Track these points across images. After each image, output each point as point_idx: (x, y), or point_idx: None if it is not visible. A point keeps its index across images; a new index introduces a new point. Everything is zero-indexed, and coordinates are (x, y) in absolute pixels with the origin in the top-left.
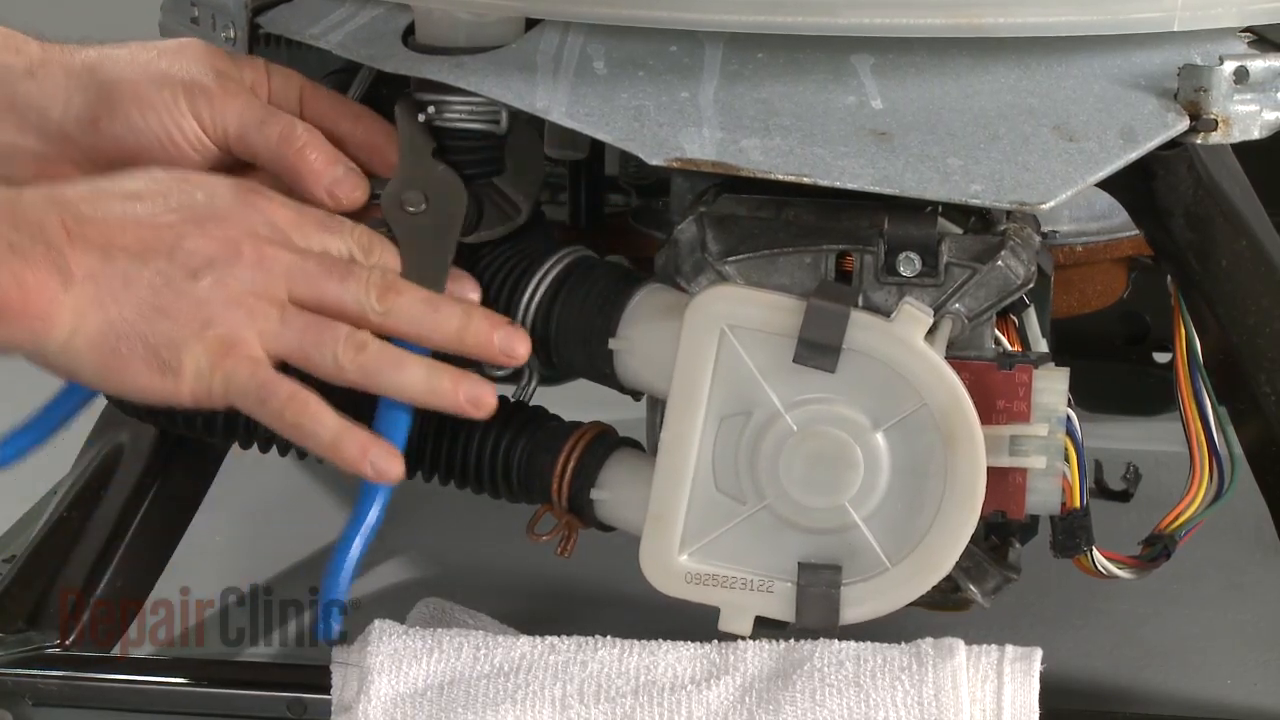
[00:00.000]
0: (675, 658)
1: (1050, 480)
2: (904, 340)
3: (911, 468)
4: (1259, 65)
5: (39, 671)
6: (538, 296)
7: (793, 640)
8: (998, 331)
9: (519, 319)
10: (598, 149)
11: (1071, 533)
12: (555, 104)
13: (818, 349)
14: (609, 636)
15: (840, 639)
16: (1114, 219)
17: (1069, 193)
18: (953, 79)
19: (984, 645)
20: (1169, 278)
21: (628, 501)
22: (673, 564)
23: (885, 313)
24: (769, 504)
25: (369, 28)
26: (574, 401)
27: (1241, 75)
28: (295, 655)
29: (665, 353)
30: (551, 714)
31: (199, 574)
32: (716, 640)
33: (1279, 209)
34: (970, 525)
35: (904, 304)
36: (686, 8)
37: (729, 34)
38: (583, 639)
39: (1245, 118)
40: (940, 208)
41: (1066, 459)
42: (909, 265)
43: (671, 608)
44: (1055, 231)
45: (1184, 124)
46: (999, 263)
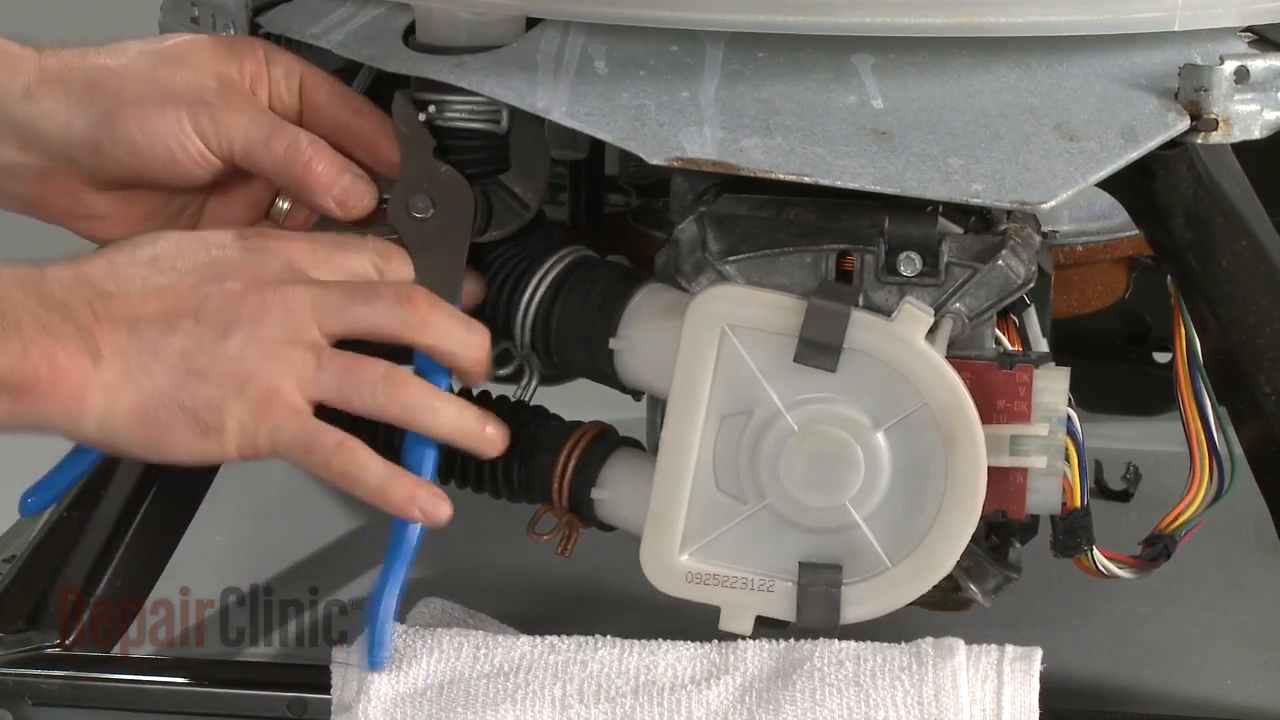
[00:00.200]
0: (675, 658)
1: (1051, 480)
2: (905, 340)
3: (912, 467)
4: (1259, 65)
5: (39, 671)
6: (538, 296)
7: (792, 640)
8: (998, 331)
9: (519, 318)
10: (598, 149)
11: (1072, 532)
12: (556, 103)
13: (818, 348)
14: (609, 636)
15: (840, 639)
16: (1114, 219)
17: (1070, 192)
18: (953, 78)
19: (984, 645)
20: (1169, 278)
21: (628, 501)
22: (673, 563)
23: (886, 312)
24: (770, 503)
25: (369, 27)
26: (575, 401)
27: (1242, 75)
28: (295, 655)
29: (666, 352)
30: (551, 714)
31: (199, 574)
32: (716, 640)
33: (1279, 209)
34: (971, 525)
35: (905, 303)
36: (687, 7)
37: (730, 33)
38: (583, 639)
39: (1246, 117)
40: (941, 207)
41: (1067, 459)
42: (909, 265)
43: (671, 608)
44: (1055, 231)
45: (1185, 123)
46: (999, 262)
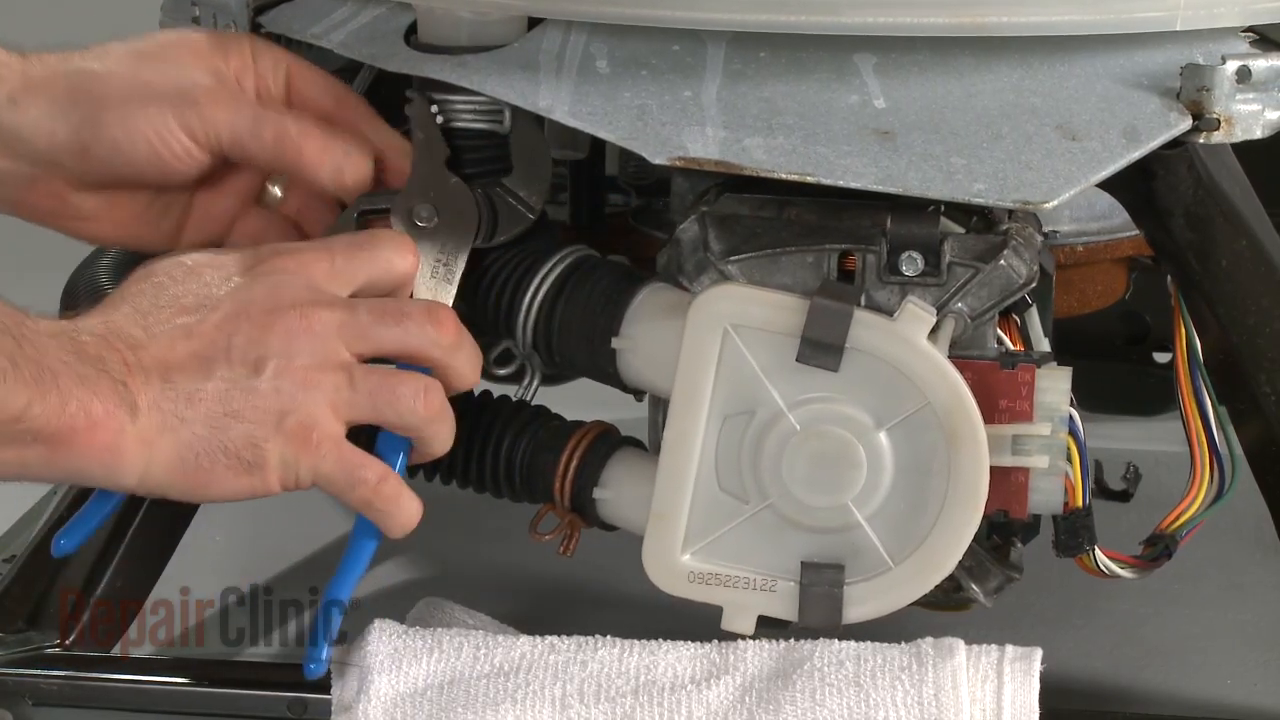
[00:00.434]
0: (675, 658)
1: (1053, 480)
2: (907, 339)
3: (914, 467)
4: (1261, 65)
5: (39, 671)
6: (540, 296)
7: (792, 640)
8: (1000, 331)
9: (521, 318)
10: (598, 148)
11: (1074, 532)
12: (558, 103)
13: (821, 348)
14: (609, 636)
15: (840, 638)
16: (1114, 219)
17: (1072, 192)
18: (955, 78)
19: (984, 645)
20: (1169, 278)
21: (630, 501)
22: (675, 563)
23: (888, 312)
24: (772, 503)
25: (371, 27)
26: (576, 401)
27: (1244, 75)
28: (295, 655)
29: (668, 352)
30: (551, 714)
31: (199, 574)
32: (716, 640)
33: (1279, 209)
34: (973, 524)
35: (907, 303)
36: (689, 7)
37: (731, 33)
38: (583, 639)
39: (1247, 117)
40: (943, 207)
41: (1069, 458)
42: (911, 265)
43: (671, 607)
44: (1056, 231)
45: (1186, 123)
46: (1001, 262)
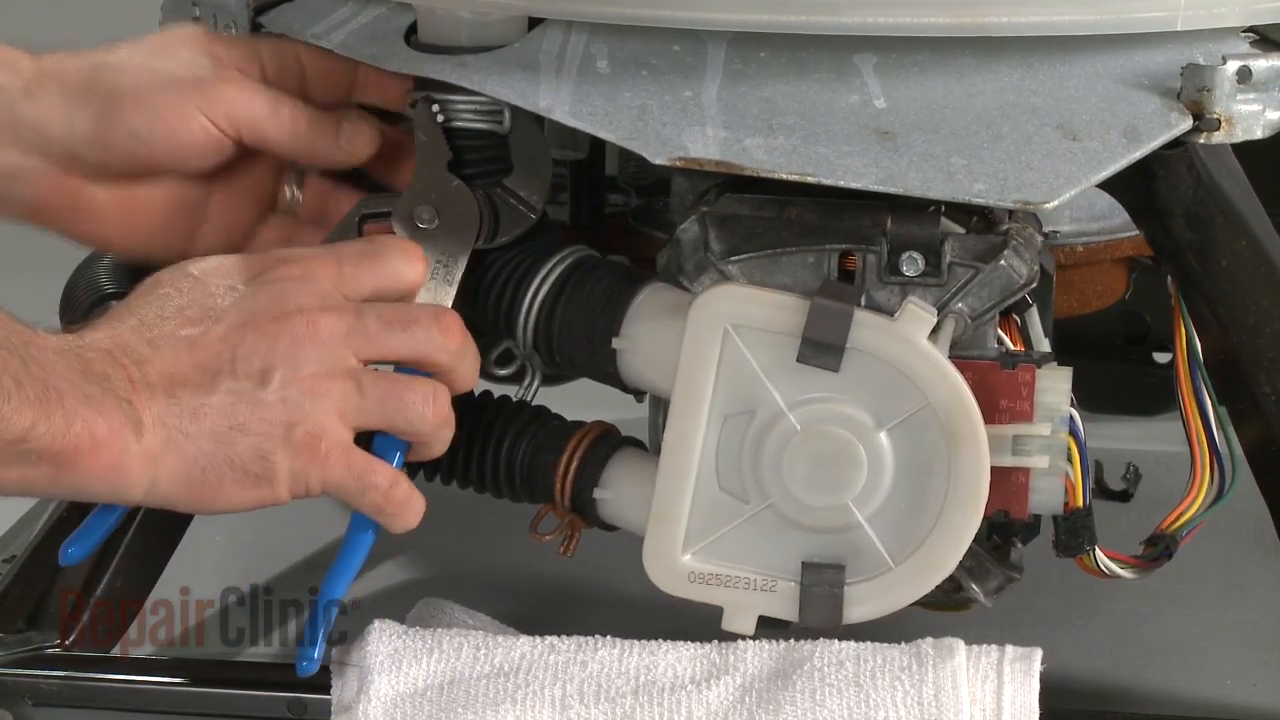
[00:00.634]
0: (675, 658)
1: (1053, 480)
2: (908, 339)
3: (915, 467)
4: (1262, 65)
5: (39, 671)
6: (541, 295)
7: (792, 640)
8: (1000, 331)
9: (522, 318)
10: (598, 148)
11: (1074, 532)
12: (559, 103)
13: (821, 348)
14: (609, 636)
15: (840, 639)
16: (1114, 219)
17: (1073, 192)
18: (956, 78)
19: (984, 645)
20: (1169, 278)
21: (631, 501)
22: (676, 563)
23: (888, 312)
24: (772, 503)
25: (371, 27)
26: (576, 401)
27: (1244, 75)
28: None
29: (669, 352)
30: (551, 714)
31: (199, 574)
32: (716, 640)
33: (1279, 209)
34: (974, 525)
35: (908, 303)
36: (689, 7)
37: (732, 33)
38: (583, 639)
39: (1248, 117)
40: (943, 207)
41: (1069, 459)
42: (912, 265)
43: (671, 607)
44: (1056, 231)
45: (1187, 123)
46: (1002, 262)
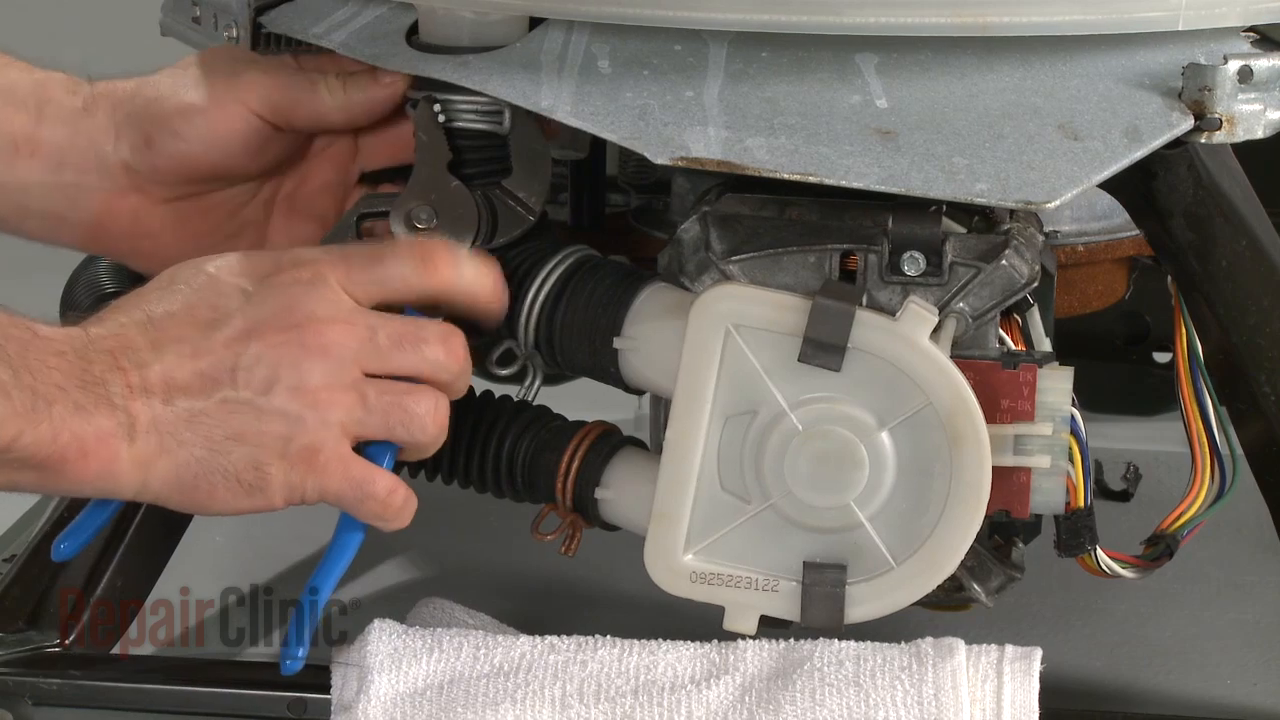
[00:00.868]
0: (675, 657)
1: (1054, 479)
2: (909, 339)
3: (917, 467)
4: (1263, 65)
5: (39, 671)
6: (542, 296)
7: (792, 640)
8: (1002, 331)
9: (523, 317)
10: (598, 148)
11: (1076, 532)
12: (560, 103)
13: (823, 348)
14: (609, 636)
15: (841, 638)
16: (1115, 219)
17: (1074, 192)
18: (957, 78)
19: (984, 645)
20: (1169, 277)
21: (632, 501)
22: (678, 563)
23: (889, 312)
24: (774, 503)
25: (372, 27)
26: (577, 401)
27: (1245, 75)
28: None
29: (670, 352)
30: (551, 714)
31: (199, 574)
32: (716, 640)
33: (1279, 209)
34: (975, 524)
35: (910, 303)
36: (691, 7)
37: (733, 33)
38: (583, 639)
39: (1249, 117)
40: (944, 207)
41: (1071, 458)
42: (913, 264)
43: (671, 607)
44: (1057, 231)
45: (1188, 123)
46: (1003, 262)
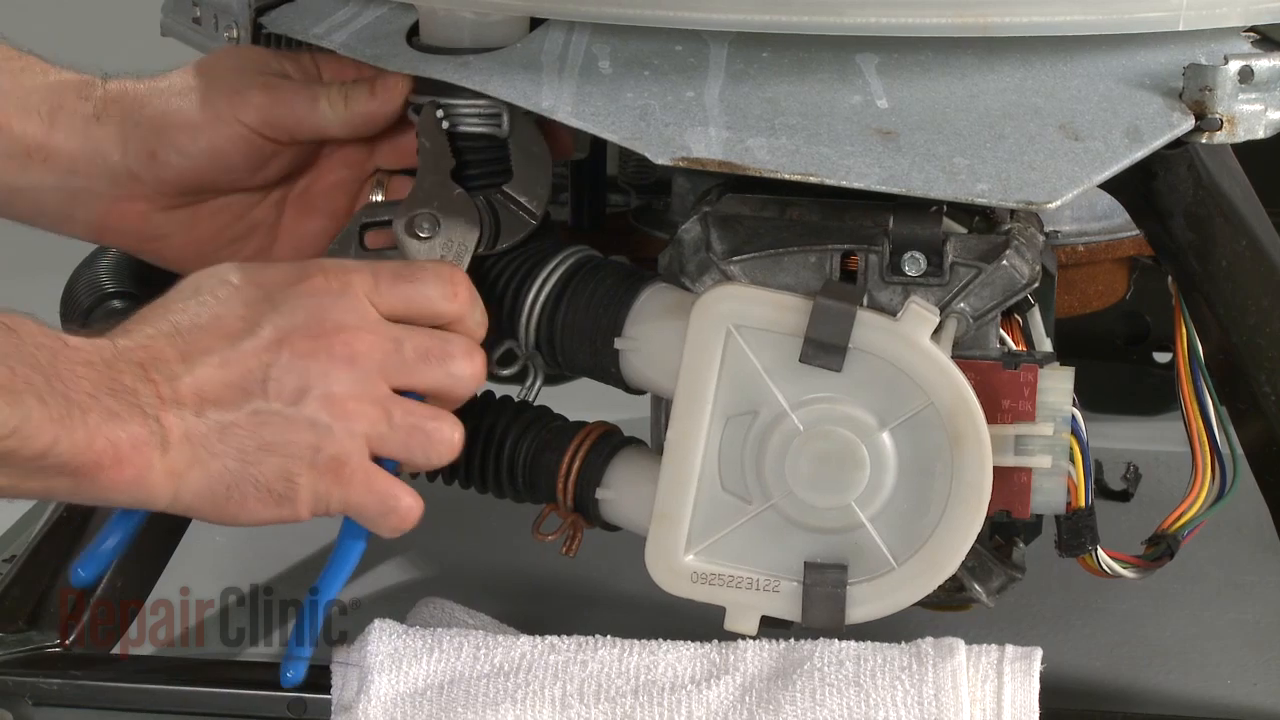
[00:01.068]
0: (675, 657)
1: (1055, 479)
2: (910, 339)
3: (918, 467)
4: (1263, 65)
5: (39, 671)
6: (543, 296)
7: (792, 640)
8: (1002, 331)
9: (524, 318)
10: (599, 148)
11: (1076, 532)
12: (561, 103)
13: (824, 348)
14: (609, 636)
15: (841, 638)
16: (1115, 219)
17: (1075, 192)
18: (958, 78)
19: (984, 645)
20: (1169, 277)
21: (633, 501)
22: (679, 563)
23: (890, 312)
24: (775, 503)
25: (373, 27)
26: (578, 401)
27: (1246, 75)
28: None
29: (671, 352)
30: (551, 714)
31: (199, 574)
32: (716, 640)
33: (1279, 209)
34: (976, 524)
35: (911, 303)
36: (691, 7)
37: (734, 33)
38: (583, 639)
39: (1250, 117)
40: (945, 207)
41: (1071, 458)
42: (914, 265)
43: (671, 607)
44: (1057, 231)
45: (1189, 123)
46: (1004, 262)
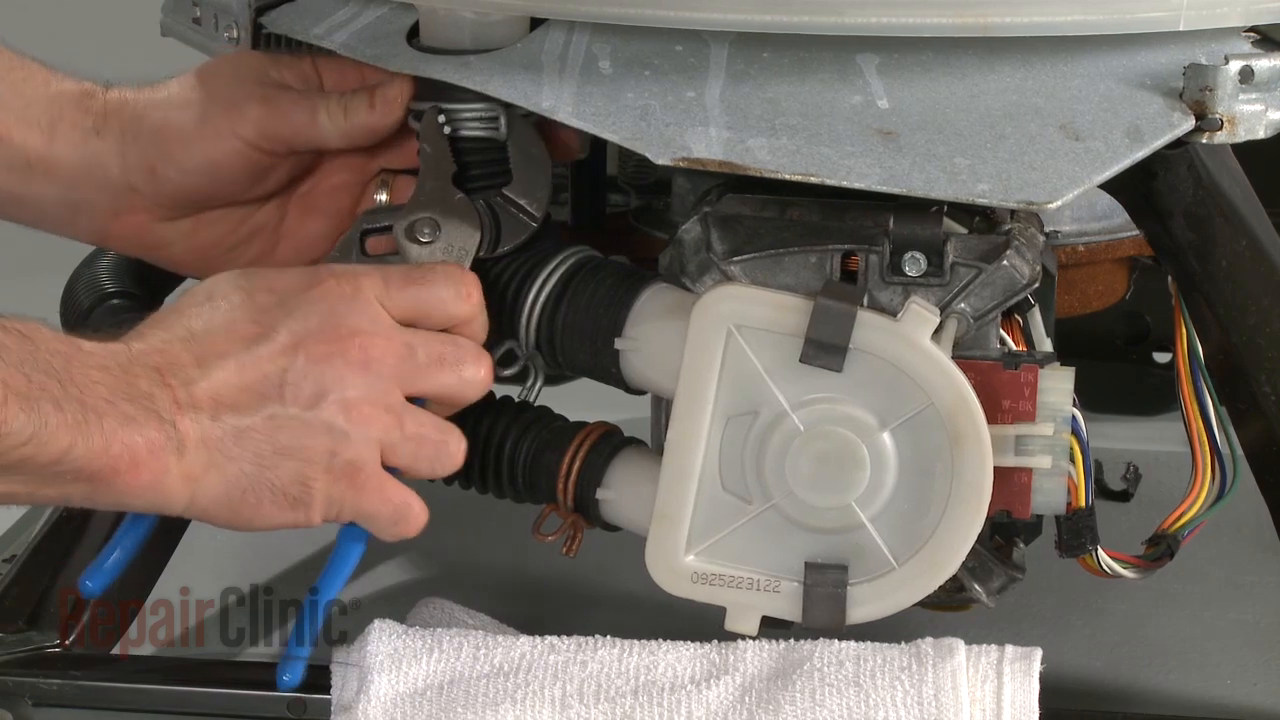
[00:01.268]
0: (675, 658)
1: (1055, 480)
2: (911, 340)
3: (918, 467)
4: (1264, 65)
5: (39, 671)
6: (544, 296)
7: (792, 640)
8: (1003, 331)
9: (524, 318)
10: (599, 149)
11: (1077, 532)
12: (562, 103)
13: (825, 348)
14: (609, 636)
15: (841, 638)
16: (1115, 219)
17: (1076, 192)
18: (958, 78)
19: (984, 645)
20: (1169, 278)
21: (634, 501)
22: (679, 564)
23: (890, 312)
24: (776, 504)
25: (373, 28)
26: (579, 401)
27: (1247, 75)
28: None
29: (672, 352)
30: (551, 714)
31: (199, 574)
32: (716, 640)
33: (1279, 209)
34: (977, 525)
35: (911, 303)
36: (692, 7)
37: (734, 33)
38: (583, 639)
39: (1250, 117)
40: (945, 207)
41: (1072, 459)
42: (914, 265)
43: (671, 607)
44: (1058, 231)
45: (1189, 123)
46: (1004, 262)
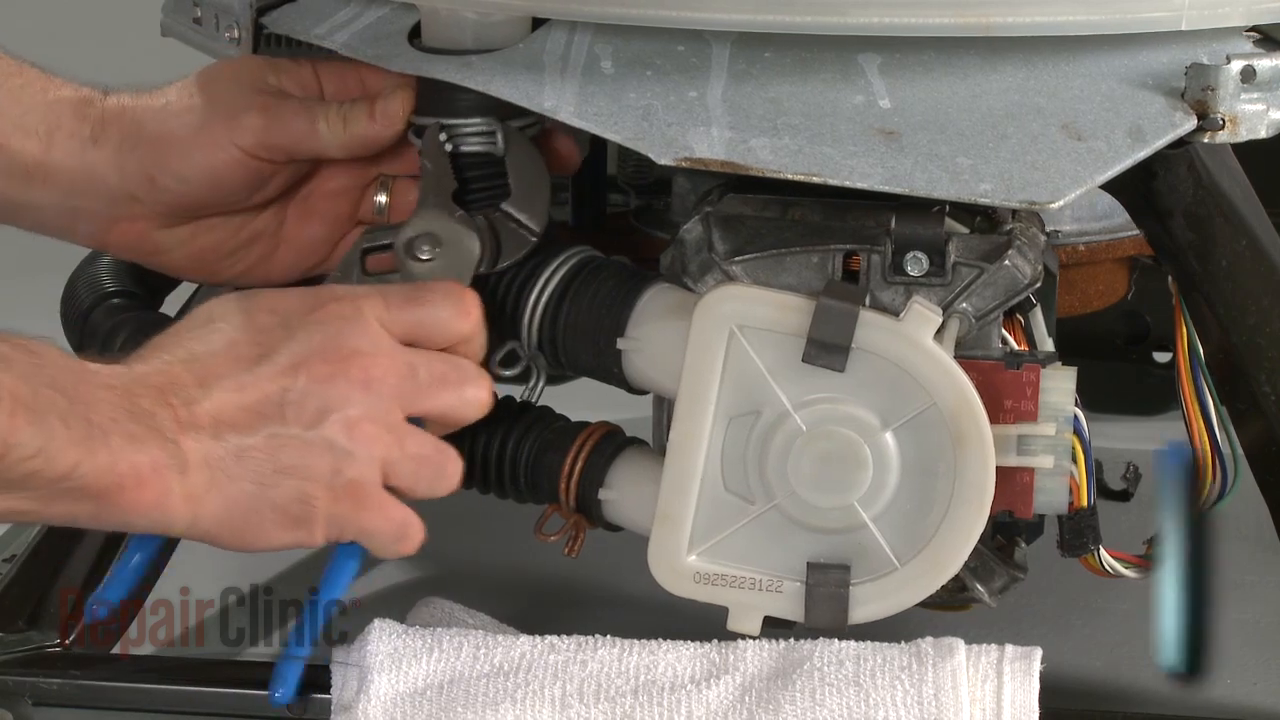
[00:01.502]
0: (675, 657)
1: (1058, 479)
2: (913, 339)
3: (920, 467)
4: (1266, 64)
5: (39, 671)
6: (545, 296)
7: (792, 640)
8: (1004, 331)
9: (527, 318)
10: (599, 149)
11: (1079, 532)
12: (563, 104)
13: (827, 348)
14: (609, 636)
15: (841, 638)
16: (1116, 218)
17: (1078, 192)
18: (960, 78)
19: (984, 645)
20: (1170, 277)
21: (636, 501)
22: (681, 564)
23: (893, 312)
24: (778, 504)
25: (374, 28)
26: (580, 402)
27: (1248, 74)
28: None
29: (674, 352)
30: (551, 713)
31: (199, 574)
32: (716, 640)
33: (1279, 209)
34: (979, 525)
35: (913, 303)
36: (694, 7)
37: (736, 33)
38: (583, 639)
39: (1252, 117)
40: (947, 207)
41: (1074, 458)
42: (916, 265)
43: (671, 607)
44: (1058, 231)
45: (1191, 123)
46: (1006, 262)
